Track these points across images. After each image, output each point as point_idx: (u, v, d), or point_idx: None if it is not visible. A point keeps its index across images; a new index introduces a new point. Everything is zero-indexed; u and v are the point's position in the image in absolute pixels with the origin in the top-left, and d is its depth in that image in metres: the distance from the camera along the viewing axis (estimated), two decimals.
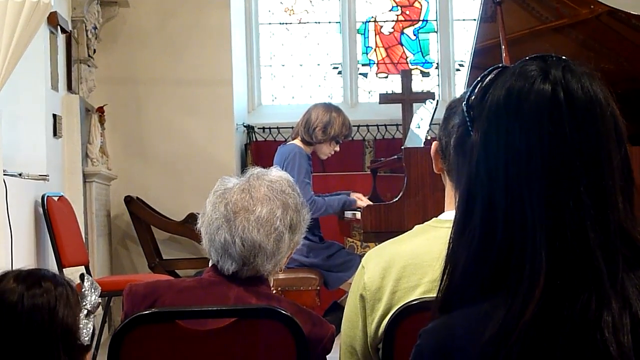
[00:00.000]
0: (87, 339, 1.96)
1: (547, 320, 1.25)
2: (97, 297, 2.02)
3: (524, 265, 1.28)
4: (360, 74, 8.92)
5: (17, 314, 1.92)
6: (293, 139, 5.68)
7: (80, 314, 1.97)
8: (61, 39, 6.66)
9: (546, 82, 1.33)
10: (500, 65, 1.44)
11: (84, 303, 1.98)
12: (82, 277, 2.05)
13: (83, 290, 2.00)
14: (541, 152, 1.30)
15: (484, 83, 1.41)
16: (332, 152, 5.68)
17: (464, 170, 1.41)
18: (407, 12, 9.01)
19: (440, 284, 1.40)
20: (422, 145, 5.05)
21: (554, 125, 1.31)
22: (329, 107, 5.66)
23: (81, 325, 1.96)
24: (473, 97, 1.44)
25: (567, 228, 1.28)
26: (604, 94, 1.35)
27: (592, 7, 4.98)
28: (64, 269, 5.68)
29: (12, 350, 1.91)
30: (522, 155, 1.31)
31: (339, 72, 8.89)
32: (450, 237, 1.41)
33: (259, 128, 8.36)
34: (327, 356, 2.40)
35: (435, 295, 1.43)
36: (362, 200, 5.48)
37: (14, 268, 4.66)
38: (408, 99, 7.86)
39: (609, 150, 1.32)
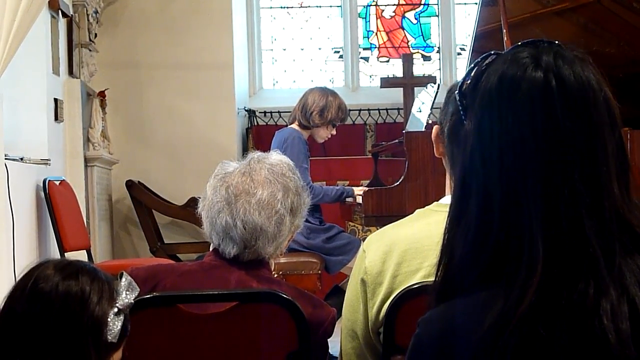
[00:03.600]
0: (112, 336, 1.96)
1: (545, 308, 1.25)
2: (131, 298, 2.01)
3: (522, 254, 1.28)
4: (361, 58, 8.90)
5: (50, 301, 1.93)
6: (290, 124, 5.71)
7: (111, 311, 1.97)
8: (62, 23, 6.65)
9: (538, 69, 1.33)
10: (492, 52, 1.44)
11: (117, 301, 1.99)
12: (120, 275, 2.06)
13: (118, 288, 2.01)
14: (535, 140, 1.30)
15: (476, 71, 1.41)
16: (329, 136, 5.72)
17: (458, 158, 1.41)
18: None
19: (437, 273, 1.40)
20: (424, 130, 5.05)
21: (546, 113, 1.31)
22: (324, 91, 5.68)
23: (110, 323, 1.96)
24: (465, 85, 1.44)
25: (563, 216, 1.28)
26: (597, 79, 1.35)
27: None
28: (65, 253, 5.69)
29: (42, 338, 1.92)
30: (516, 144, 1.31)
31: (340, 56, 8.87)
32: (446, 227, 1.41)
33: (260, 112, 8.35)
34: (328, 340, 2.41)
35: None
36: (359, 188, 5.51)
37: (15, 252, 4.67)
38: (409, 83, 7.86)
39: (603, 137, 1.32)
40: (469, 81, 1.43)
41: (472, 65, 1.44)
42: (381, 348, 2.15)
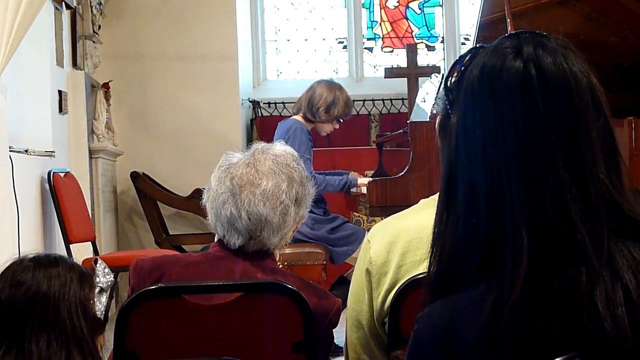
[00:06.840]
0: (100, 311, 1.99)
1: (537, 298, 1.25)
2: (110, 278, 2.06)
3: (506, 245, 1.28)
4: (365, 48, 8.89)
5: (31, 294, 1.95)
6: (295, 114, 5.70)
7: (94, 291, 2.00)
8: (66, 15, 6.65)
9: (518, 59, 1.34)
10: (477, 45, 1.44)
11: (97, 282, 2.03)
12: (95, 261, 2.09)
13: (96, 272, 2.05)
14: (516, 129, 1.30)
15: (461, 65, 1.41)
16: (332, 130, 5.72)
17: (445, 152, 1.42)
18: None
19: (429, 268, 1.40)
20: (428, 120, 5.04)
21: (527, 102, 1.31)
22: (332, 86, 5.66)
23: (95, 300, 1.99)
24: (451, 79, 1.45)
25: (548, 204, 1.28)
26: (580, 66, 1.35)
27: None
28: (70, 245, 5.70)
29: (29, 330, 1.94)
30: (498, 134, 1.31)
31: (344, 47, 8.86)
32: (435, 220, 1.41)
33: (264, 103, 8.35)
34: (333, 330, 2.41)
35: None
36: (363, 179, 5.51)
37: (20, 244, 4.68)
38: (413, 73, 7.85)
39: (586, 123, 1.32)
40: (455, 75, 1.44)
41: (456, 59, 1.44)
42: (386, 338, 2.16)
